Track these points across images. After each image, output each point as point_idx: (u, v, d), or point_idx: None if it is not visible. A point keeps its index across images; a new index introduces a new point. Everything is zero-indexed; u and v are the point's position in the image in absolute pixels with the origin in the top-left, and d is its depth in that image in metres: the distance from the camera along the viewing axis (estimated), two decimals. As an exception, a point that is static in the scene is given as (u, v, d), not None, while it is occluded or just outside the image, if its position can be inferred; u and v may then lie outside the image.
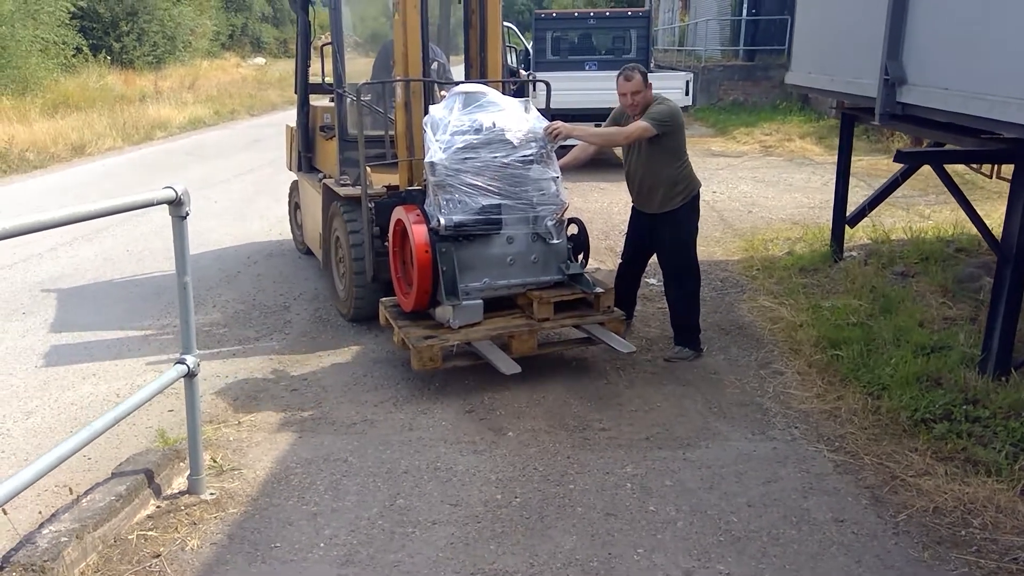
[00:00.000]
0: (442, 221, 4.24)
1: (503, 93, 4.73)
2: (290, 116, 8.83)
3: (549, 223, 4.46)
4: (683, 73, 12.99)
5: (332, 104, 5.97)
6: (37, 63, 18.21)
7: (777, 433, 3.86)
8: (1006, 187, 6.19)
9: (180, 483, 3.34)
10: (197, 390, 3.18)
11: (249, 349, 5.07)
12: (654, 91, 4.62)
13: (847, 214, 6.55)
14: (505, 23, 7.42)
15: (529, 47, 13.26)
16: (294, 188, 7.37)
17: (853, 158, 7.34)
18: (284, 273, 6.76)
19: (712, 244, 7.36)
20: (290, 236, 7.80)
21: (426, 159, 4.30)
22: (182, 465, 3.39)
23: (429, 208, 4.39)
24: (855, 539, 2.99)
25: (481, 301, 4.40)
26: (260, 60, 37.78)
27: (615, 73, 4.67)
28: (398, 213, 4.53)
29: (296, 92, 6.65)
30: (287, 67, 33.91)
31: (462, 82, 4.86)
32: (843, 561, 2.86)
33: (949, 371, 4.24)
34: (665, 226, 4.70)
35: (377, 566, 2.81)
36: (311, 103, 6.51)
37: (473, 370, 4.41)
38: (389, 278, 4.77)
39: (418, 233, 4.27)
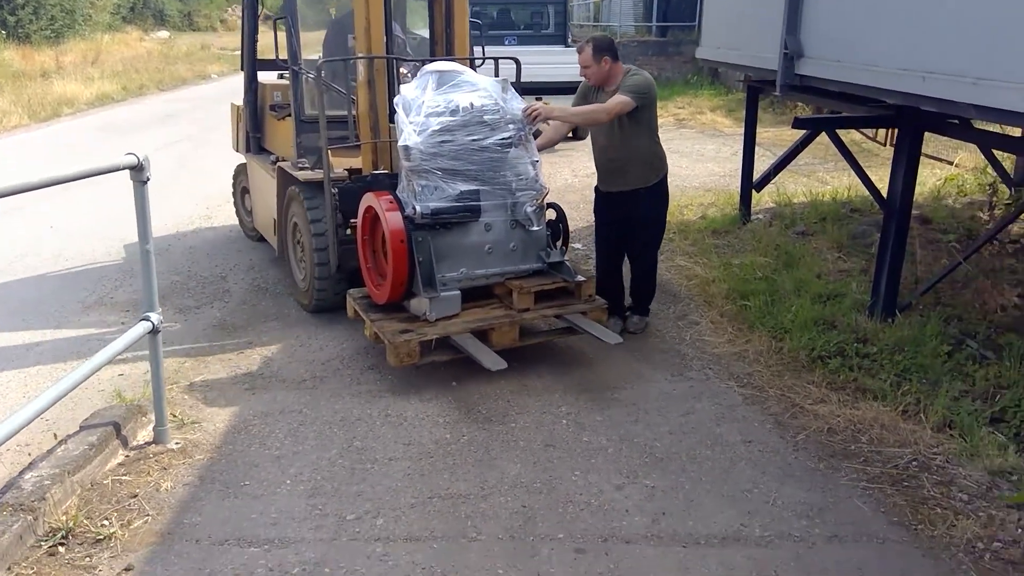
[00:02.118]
0: (418, 208, 4.04)
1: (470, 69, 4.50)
2: (202, 91, 8.73)
3: (528, 209, 4.31)
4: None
5: (282, 82, 5.72)
6: (-73, 38, 17.33)
7: (694, 374, 4.28)
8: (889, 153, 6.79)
9: (145, 435, 3.53)
10: (160, 345, 3.37)
11: (191, 317, 5.20)
12: (624, 64, 4.48)
13: (753, 180, 7.05)
14: None
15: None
16: (240, 171, 6.95)
17: (760, 129, 7.87)
18: (216, 245, 6.85)
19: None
20: (218, 211, 7.84)
21: (400, 142, 4.07)
22: (144, 419, 3.57)
23: (403, 194, 4.17)
24: (761, 455, 3.43)
25: (459, 292, 4.21)
26: (164, 34, 36.55)
27: (533, 48, 4.84)
28: (368, 200, 4.29)
29: (243, 68, 6.24)
30: (192, 40, 33.01)
31: (430, 60, 4.66)
32: (750, 473, 3.29)
33: (843, 315, 4.74)
34: (643, 202, 4.56)
35: (342, 496, 3.09)
36: (260, 81, 6.14)
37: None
38: (353, 268, 4.60)
39: (392, 221, 4.05)
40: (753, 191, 7.12)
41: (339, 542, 2.81)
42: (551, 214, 4.62)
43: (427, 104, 4.07)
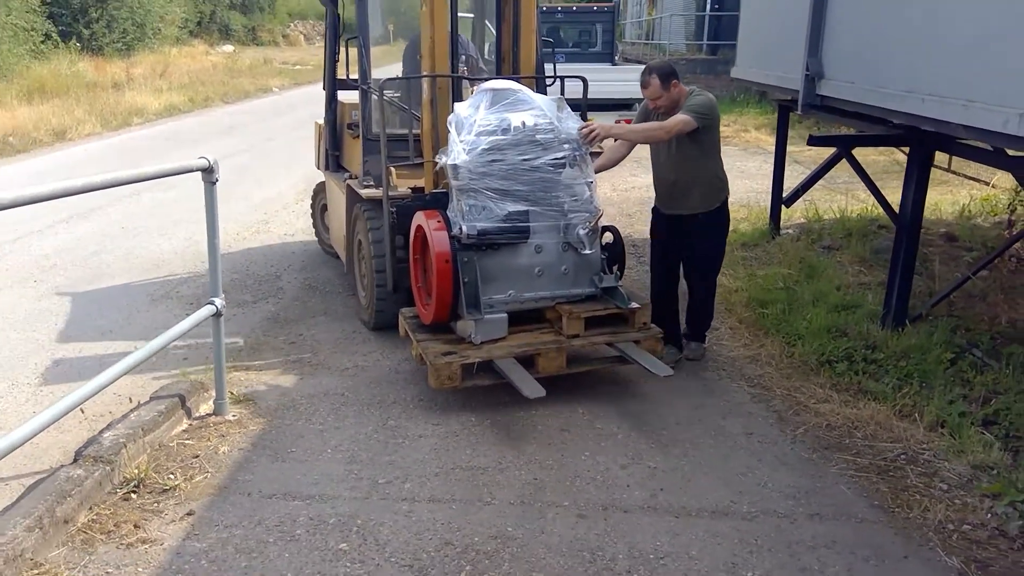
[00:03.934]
0: (464, 228, 3.99)
1: (536, 89, 4.56)
2: (264, 104, 9.12)
3: (581, 232, 4.19)
4: (642, 67, 13.73)
5: None
6: (8, 50, 18.45)
7: (708, 374, 4.57)
8: (934, 172, 7.03)
9: (206, 408, 3.98)
10: (222, 327, 3.81)
11: (248, 310, 5.68)
12: (687, 86, 4.44)
13: (784, 196, 7.30)
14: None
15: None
16: (320, 190, 7.07)
17: (803, 147, 8.14)
18: (272, 248, 7.35)
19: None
20: (275, 217, 8.36)
21: (448, 161, 4.04)
22: (205, 395, 4.03)
23: (451, 214, 4.13)
24: (760, 446, 3.72)
25: (505, 315, 4.14)
26: (228, 48, 38.00)
27: (581, 66, 5.08)
28: (418, 219, 4.27)
29: (324, 88, 6.35)
30: (256, 55, 34.25)
31: (491, 78, 4.66)
32: (747, 460, 3.59)
33: (855, 324, 4.98)
34: (703, 227, 4.46)
35: (376, 464, 3.48)
36: (340, 99, 6.19)
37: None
38: (410, 287, 4.58)
39: (438, 241, 4.02)
40: (784, 207, 7.38)
41: (371, 500, 3.20)
42: (608, 237, 4.53)
43: (479, 123, 4.05)
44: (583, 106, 4.77)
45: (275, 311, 5.66)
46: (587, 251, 4.24)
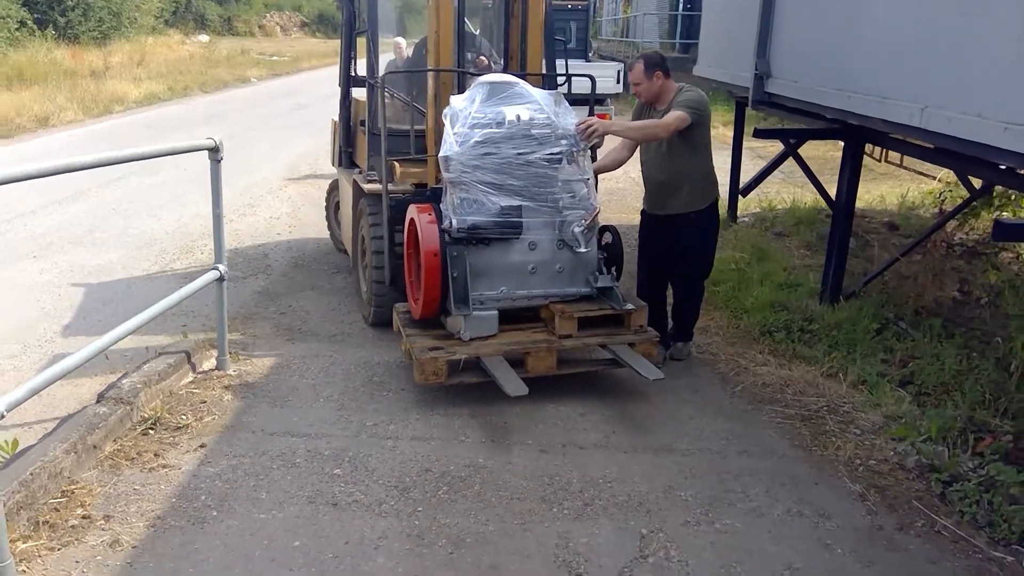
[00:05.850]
0: (454, 222, 3.95)
1: (544, 87, 4.55)
2: (243, 94, 9.33)
3: (577, 229, 4.11)
4: (615, 63, 14.26)
5: None
6: (-17, 37, 18.61)
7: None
8: (889, 168, 7.58)
9: (209, 364, 4.42)
10: (225, 290, 4.25)
11: (239, 285, 6.07)
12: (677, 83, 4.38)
13: (740, 186, 7.84)
14: None
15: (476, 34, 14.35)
16: (334, 187, 7.03)
17: (767, 142, 8.70)
18: (258, 229, 7.74)
19: (632, 212, 8.56)
20: (260, 201, 8.75)
21: (440, 153, 4.00)
22: (207, 353, 4.46)
23: (443, 207, 4.09)
24: (703, 400, 4.23)
25: (496, 312, 4.10)
26: (204, 38, 38.02)
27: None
28: (411, 212, 4.27)
29: (339, 84, 6.25)
30: (232, 45, 34.31)
31: (492, 72, 4.65)
32: (691, 411, 4.09)
33: (796, 300, 5.52)
34: (691, 227, 4.38)
35: (364, 411, 3.95)
36: (354, 96, 6.11)
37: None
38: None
39: (427, 234, 3.98)
40: (741, 196, 7.91)
41: (360, 438, 3.67)
42: (606, 237, 4.50)
43: (473, 115, 4.00)
44: (591, 103, 4.81)
45: (265, 286, 6.08)
46: (582, 249, 4.16)
